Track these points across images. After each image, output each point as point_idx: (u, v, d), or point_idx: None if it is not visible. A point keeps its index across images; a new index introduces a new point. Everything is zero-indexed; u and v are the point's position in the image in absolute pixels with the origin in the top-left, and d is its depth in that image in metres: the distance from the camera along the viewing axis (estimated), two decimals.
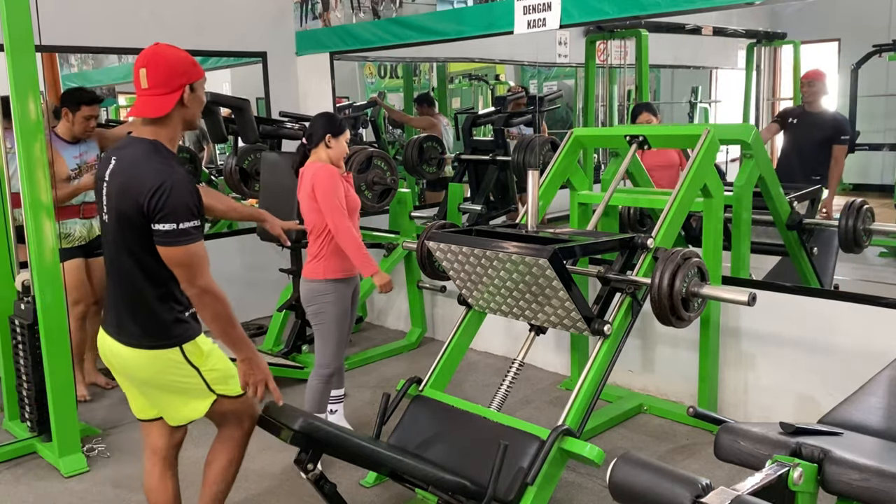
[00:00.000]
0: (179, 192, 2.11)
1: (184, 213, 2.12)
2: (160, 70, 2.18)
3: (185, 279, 2.18)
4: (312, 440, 2.40)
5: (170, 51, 2.22)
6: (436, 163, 5.61)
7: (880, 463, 1.97)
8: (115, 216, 2.21)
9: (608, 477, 1.86)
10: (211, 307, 2.22)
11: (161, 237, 2.13)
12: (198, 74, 2.24)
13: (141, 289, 2.24)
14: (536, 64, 6.81)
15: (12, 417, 3.86)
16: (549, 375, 4.54)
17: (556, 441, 2.68)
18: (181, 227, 2.11)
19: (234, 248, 5.67)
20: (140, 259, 2.20)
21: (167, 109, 2.18)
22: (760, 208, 3.97)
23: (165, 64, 2.19)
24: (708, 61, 7.81)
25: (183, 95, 2.20)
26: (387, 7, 5.50)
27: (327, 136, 3.37)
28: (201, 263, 2.18)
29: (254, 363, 2.35)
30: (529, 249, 2.73)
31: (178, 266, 2.16)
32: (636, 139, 3.56)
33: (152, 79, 2.18)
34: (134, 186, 2.14)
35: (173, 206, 2.10)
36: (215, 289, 2.21)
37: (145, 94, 2.19)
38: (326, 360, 3.45)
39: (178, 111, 2.22)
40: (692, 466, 3.38)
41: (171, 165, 2.18)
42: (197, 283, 2.18)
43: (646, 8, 3.85)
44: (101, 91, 6.42)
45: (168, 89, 2.18)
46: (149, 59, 2.19)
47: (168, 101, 2.18)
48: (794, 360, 3.59)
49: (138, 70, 2.19)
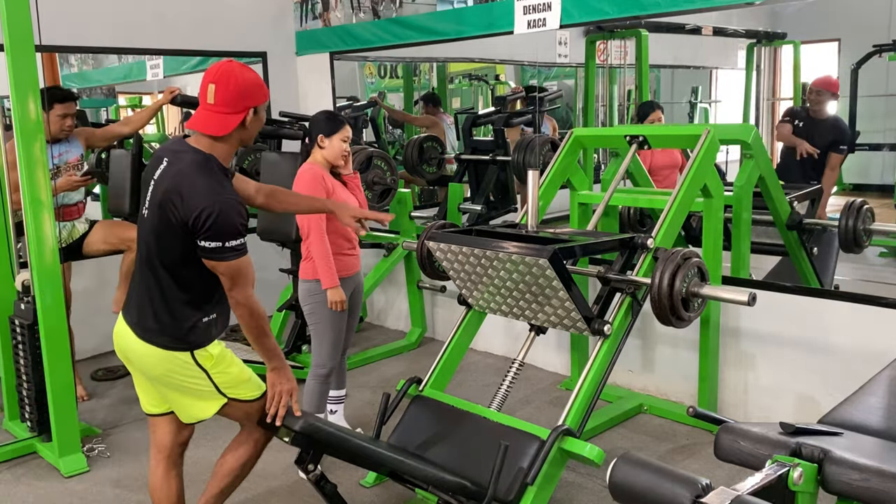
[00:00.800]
0: (228, 214, 2.15)
1: (230, 233, 2.17)
2: (230, 90, 2.19)
3: (227, 288, 2.27)
4: (313, 441, 2.40)
5: (242, 71, 2.23)
6: (436, 163, 5.61)
7: (880, 463, 1.97)
8: (157, 220, 2.23)
9: (608, 477, 1.86)
10: (245, 319, 2.29)
11: (206, 253, 2.19)
12: (263, 97, 2.26)
13: (169, 292, 2.28)
14: (536, 64, 6.81)
15: (12, 417, 3.87)
16: (549, 375, 4.54)
17: (556, 441, 2.68)
18: (227, 244, 2.17)
19: None
20: (175, 265, 2.25)
21: (229, 130, 2.21)
22: (760, 208, 3.97)
23: (237, 84, 2.20)
24: (708, 61, 7.80)
25: (246, 118, 2.23)
26: (387, 7, 5.50)
27: (319, 136, 3.35)
28: (244, 277, 2.25)
29: (282, 373, 2.40)
30: (529, 249, 2.72)
31: (221, 275, 2.24)
32: (636, 139, 3.56)
33: (220, 96, 2.19)
34: (181, 200, 2.15)
35: (220, 227, 2.15)
36: (252, 303, 2.28)
37: (210, 109, 2.20)
38: (321, 359, 3.44)
39: (237, 131, 2.25)
40: (692, 466, 3.38)
41: (221, 184, 2.20)
42: (234, 294, 2.26)
43: (646, 8, 3.85)
44: (101, 91, 6.43)
45: (234, 109, 2.20)
46: (220, 77, 2.20)
47: (232, 120, 2.20)
48: (794, 360, 3.59)
49: (207, 84, 2.20)
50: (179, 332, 2.30)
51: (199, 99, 2.25)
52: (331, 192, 3.32)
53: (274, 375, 2.39)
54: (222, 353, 2.41)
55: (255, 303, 2.29)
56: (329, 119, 3.40)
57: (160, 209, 2.20)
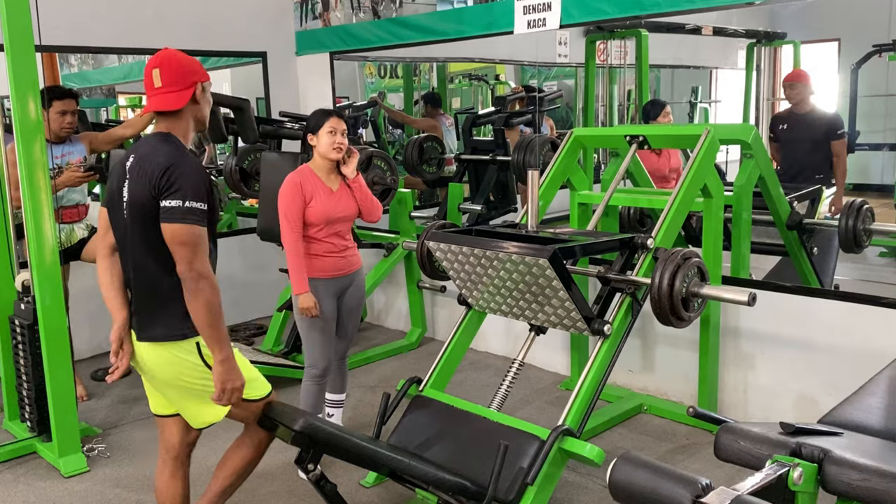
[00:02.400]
0: (190, 172, 2.18)
1: (192, 192, 2.16)
2: (173, 69, 2.27)
3: (185, 260, 2.17)
4: (313, 440, 2.40)
5: (180, 53, 2.33)
6: (436, 163, 5.61)
7: (880, 463, 1.97)
8: (130, 207, 2.25)
9: (608, 477, 1.86)
10: (205, 294, 2.18)
11: (167, 213, 2.16)
12: (206, 76, 2.35)
13: (155, 278, 2.27)
14: (536, 64, 6.80)
15: (12, 417, 3.87)
16: (549, 375, 4.54)
17: (556, 441, 2.68)
18: (187, 204, 2.15)
19: (235, 248, 5.67)
20: (154, 247, 2.22)
21: (182, 103, 2.27)
22: (760, 208, 3.97)
23: (178, 63, 2.29)
24: (708, 61, 7.80)
25: (195, 92, 2.30)
26: (387, 7, 5.49)
27: (308, 135, 3.33)
28: (203, 246, 2.18)
29: (233, 367, 2.27)
30: (529, 249, 2.72)
31: (179, 245, 2.16)
32: (636, 139, 3.56)
33: (166, 77, 2.27)
34: (146, 171, 2.20)
35: (182, 183, 2.15)
36: (212, 276, 2.20)
37: (159, 92, 2.27)
38: (311, 359, 3.42)
39: (190, 108, 2.31)
40: (692, 466, 3.38)
41: (181, 150, 2.26)
42: (196, 266, 2.17)
43: (646, 8, 3.86)
44: (101, 91, 6.43)
45: (181, 86, 2.27)
46: (161, 61, 2.29)
47: (182, 96, 2.27)
48: (794, 360, 3.59)
49: (150, 71, 2.27)
50: (175, 318, 2.27)
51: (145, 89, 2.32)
52: (309, 199, 3.27)
53: (223, 370, 2.24)
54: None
55: (214, 277, 2.22)
56: (313, 115, 3.37)
57: (132, 195, 2.24)
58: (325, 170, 3.35)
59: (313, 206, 3.29)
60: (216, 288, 2.20)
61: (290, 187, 3.29)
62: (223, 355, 2.24)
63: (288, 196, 3.29)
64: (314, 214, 3.29)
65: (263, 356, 4.55)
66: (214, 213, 2.31)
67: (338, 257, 3.39)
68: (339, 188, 3.38)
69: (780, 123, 5.16)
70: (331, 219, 3.32)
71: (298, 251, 3.28)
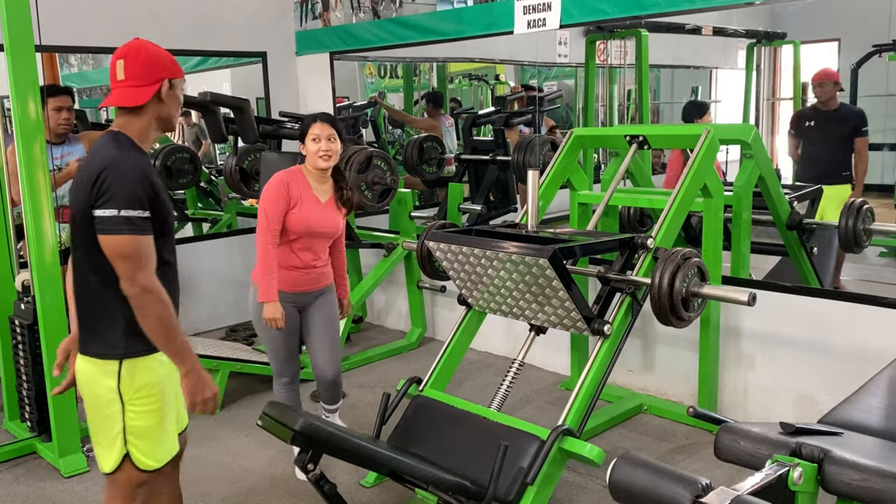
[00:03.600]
0: (124, 176, 1.95)
1: (126, 199, 1.94)
2: (139, 62, 2.07)
3: (126, 275, 1.95)
4: (312, 440, 2.40)
5: (150, 45, 2.11)
6: (436, 163, 5.61)
7: (880, 463, 1.97)
8: (72, 216, 2.08)
9: (608, 477, 1.86)
10: (154, 309, 1.97)
11: (101, 224, 1.95)
12: (178, 73, 2.13)
13: (96, 291, 2.06)
14: (536, 64, 6.80)
15: (12, 417, 3.86)
16: (549, 375, 4.54)
17: (556, 441, 2.68)
18: (123, 213, 1.93)
19: (234, 248, 5.67)
20: (94, 259, 2.00)
21: (143, 100, 2.06)
22: (760, 208, 3.97)
23: (146, 56, 2.08)
24: (708, 61, 7.80)
25: (161, 89, 2.08)
26: (387, 7, 5.49)
27: (300, 143, 3.20)
28: (146, 259, 1.97)
29: (197, 379, 2.07)
30: (529, 249, 2.72)
31: (118, 259, 1.95)
32: (636, 139, 3.56)
33: (130, 70, 2.07)
34: (84, 176, 2.01)
35: (116, 191, 1.93)
36: (159, 288, 1.98)
37: (121, 85, 2.07)
38: (277, 370, 3.34)
39: (153, 105, 2.09)
40: (692, 466, 3.38)
41: (124, 151, 2.01)
42: (139, 280, 1.95)
43: (646, 8, 3.86)
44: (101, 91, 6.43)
45: (145, 81, 2.07)
46: (127, 51, 2.09)
47: (144, 92, 2.06)
48: (794, 360, 3.59)
49: (115, 62, 2.08)
50: (112, 335, 2.05)
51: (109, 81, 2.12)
52: (293, 204, 3.12)
53: (190, 382, 2.06)
54: (159, 384, 2.11)
55: (162, 289, 1.99)
56: (302, 120, 3.21)
57: (75, 201, 2.05)
58: (315, 177, 3.19)
59: (296, 212, 3.11)
60: (165, 301, 1.99)
61: (277, 186, 3.12)
62: (186, 367, 2.05)
63: (272, 195, 3.11)
64: (294, 222, 3.12)
65: (263, 356, 4.54)
66: (166, 221, 2.08)
67: (300, 273, 3.21)
68: (327, 201, 3.22)
69: (805, 120, 5.16)
70: (311, 231, 3.16)
71: (272, 255, 3.09)
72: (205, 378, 2.09)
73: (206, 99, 4.23)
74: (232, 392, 4.26)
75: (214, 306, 5.56)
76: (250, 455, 3.58)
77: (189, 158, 5.49)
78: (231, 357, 4.22)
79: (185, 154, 5.51)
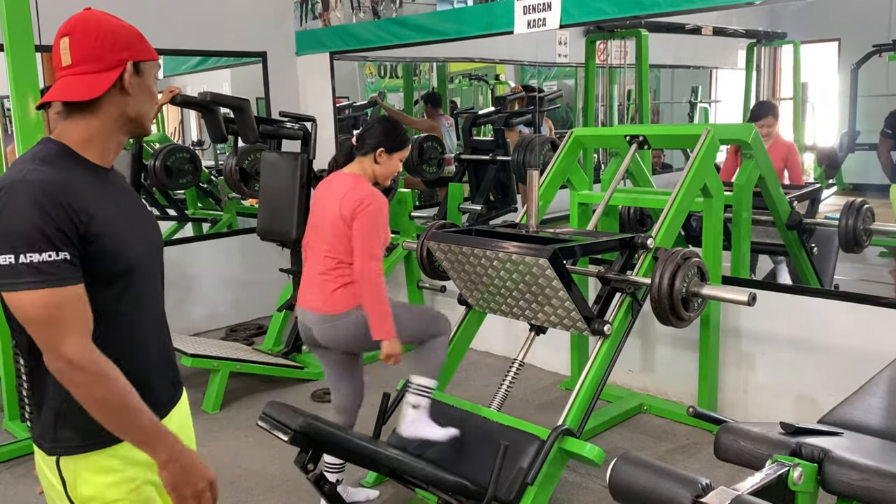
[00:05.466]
0: (21, 205, 1.34)
1: (26, 238, 1.33)
2: (89, 39, 1.47)
3: (46, 346, 1.38)
4: (312, 440, 2.40)
5: (107, 17, 1.50)
6: (436, 163, 5.61)
7: (880, 463, 1.97)
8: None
9: (608, 477, 1.86)
10: (90, 390, 1.38)
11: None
12: (146, 53, 1.52)
13: (27, 356, 1.48)
14: (536, 64, 6.81)
15: (12, 417, 3.86)
16: (549, 375, 4.53)
17: (556, 441, 2.68)
18: (23, 260, 1.33)
19: (234, 248, 5.67)
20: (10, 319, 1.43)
21: (97, 91, 1.45)
22: (760, 208, 3.97)
23: (98, 30, 1.47)
24: (708, 61, 7.81)
25: (123, 75, 1.47)
26: (387, 7, 5.50)
27: (380, 149, 2.83)
28: (71, 320, 1.37)
29: (186, 464, 1.47)
30: (529, 249, 2.72)
31: (30, 325, 1.37)
32: (636, 139, 3.56)
33: (77, 50, 1.46)
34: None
35: (9, 228, 1.34)
36: (95, 361, 1.38)
37: (67, 72, 1.47)
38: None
39: (114, 99, 1.48)
40: (692, 466, 3.38)
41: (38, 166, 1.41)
42: (63, 351, 1.36)
43: (646, 8, 3.86)
44: None
45: (100, 66, 1.46)
46: (74, 26, 1.49)
47: (100, 81, 1.46)
48: (794, 360, 3.59)
49: (58, 41, 1.49)
50: (44, 420, 1.49)
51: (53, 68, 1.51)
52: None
53: (171, 475, 1.46)
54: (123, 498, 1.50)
55: (100, 359, 1.39)
56: (394, 133, 2.88)
57: None
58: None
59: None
60: (107, 377, 1.39)
61: (381, 209, 2.76)
62: (163, 457, 1.45)
63: (385, 218, 2.79)
64: (387, 235, 2.87)
65: (263, 356, 4.55)
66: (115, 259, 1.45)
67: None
68: None
69: None
70: (388, 242, 2.92)
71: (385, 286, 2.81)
72: (192, 465, 1.48)
73: (206, 99, 4.23)
74: (232, 392, 4.25)
75: (214, 306, 5.56)
76: (250, 455, 3.58)
77: (189, 158, 5.50)
78: (231, 357, 4.22)
79: (185, 154, 5.51)
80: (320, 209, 2.89)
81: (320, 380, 4.48)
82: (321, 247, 2.85)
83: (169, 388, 1.65)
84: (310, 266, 2.92)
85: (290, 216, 4.38)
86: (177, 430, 1.52)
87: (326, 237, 2.82)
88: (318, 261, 2.86)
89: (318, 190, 2.99)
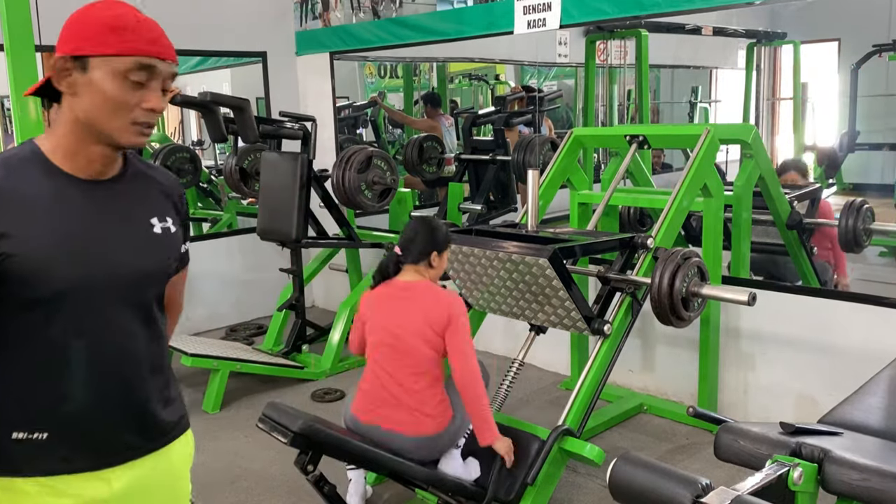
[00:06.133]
0: None
1: None
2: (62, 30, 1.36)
3: None
4: (312, 442, 2.40)
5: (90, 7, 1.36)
6: (436, 163, 5.61)
7: (880, 463, 1.97)
8: None
9: (608, 477, 1.86)
10: None
11: None
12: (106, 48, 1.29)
13: None
14: (536, 64, 6.81)
15: None
16: (549, 375, 4.53)
17: (556, 441, 2.68)
18: None
19: (235, 248, 5.67)
20: None
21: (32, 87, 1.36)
22: (760, 208, 3.97)
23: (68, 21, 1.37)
24: (708, 61, 7.81)
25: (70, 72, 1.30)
26: (387, 7, 5.49)
27: (433, 252, 2.75)
28: None
29: None
30: (529, 249, 2.72)
31: None
32: (636, 139, 3.56)
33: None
34: None
35: None
36: None
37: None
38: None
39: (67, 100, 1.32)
40: (692, 466, 3.38)
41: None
42: None
43: (646, 8, 3.86)
44: None
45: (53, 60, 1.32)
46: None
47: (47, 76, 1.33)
48: (794, 360, 3.59)
49: None
50: None
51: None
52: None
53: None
54: None
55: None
56: (439, 232, 2.79)
57: None
58: None
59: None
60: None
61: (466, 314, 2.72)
62: None
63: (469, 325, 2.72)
64: None
65: (263, 356, 4.55)
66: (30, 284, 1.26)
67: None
68: None
69: None
70: None
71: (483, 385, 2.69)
72: None
73: (206, 99, 4.23)
74: (232, 392, 4.25)
75: (214, 306, 5.56)
76: (250, 455, 3.58)
77: (189, 158, 5.49)
78: (231, 357, 4.22)
79: (185, 154, 5.51)
80: (393, 324, 2.72)
81: (320, 380, 4.48)
82: (404, 362, 2.69)
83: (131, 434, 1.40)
84: (381, 381, 2.76)
85: (290, 216, 4.38)
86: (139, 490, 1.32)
87: (409, 351, 2.68)
88: (404, 377, 2.69)
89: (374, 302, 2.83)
